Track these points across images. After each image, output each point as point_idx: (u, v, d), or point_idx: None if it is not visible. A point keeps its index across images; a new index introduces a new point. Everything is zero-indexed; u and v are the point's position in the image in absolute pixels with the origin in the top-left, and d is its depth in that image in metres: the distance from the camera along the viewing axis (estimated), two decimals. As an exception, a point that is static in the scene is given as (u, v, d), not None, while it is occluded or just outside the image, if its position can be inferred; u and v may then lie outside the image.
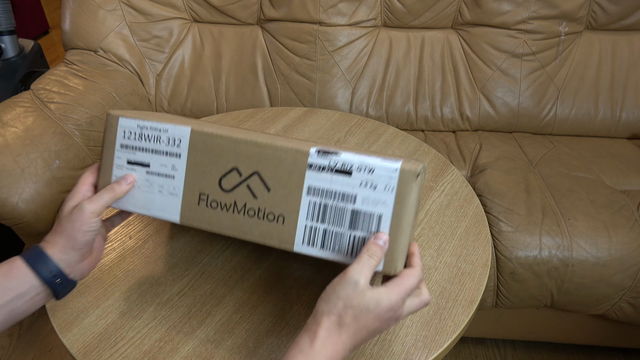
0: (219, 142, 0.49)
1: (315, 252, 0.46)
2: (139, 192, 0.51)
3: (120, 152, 0.51)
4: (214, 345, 0.54)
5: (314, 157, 0.46)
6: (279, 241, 0.47)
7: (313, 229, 0.46)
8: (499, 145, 1.21)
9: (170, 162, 0.50)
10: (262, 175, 0.47)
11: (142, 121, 0.51)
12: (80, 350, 0.53)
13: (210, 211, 0.49)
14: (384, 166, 0.44)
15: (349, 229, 0.45)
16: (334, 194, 0.45)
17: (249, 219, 0.47)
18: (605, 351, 1.19)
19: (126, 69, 1.28)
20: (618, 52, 1.24)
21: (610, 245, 0.90)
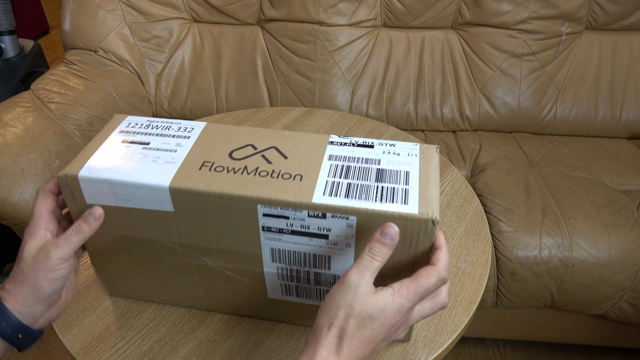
0: (236, 129, 0.48)
1: (339, 202, 0.40)
2: (125, 162, 0.44)
3: (115, 135, 0.47)
4: (214, 345, 0.54)
5: (335, 138, 0.46)
6: (294, 194, 0.40)
7: (336, 183, 0.41)
8: (499, 145, 1.21)
9: (175, 142, 0.46)
10: (280, 148, 0.45)
11: (154, 118, 0.49)
12: (80, 350, 0.53)
13: (212, 174, 0.42)
14: (404, 143, 0.46)
15: (375, 181, 0.42)
16: (356, 159, 0.44)
17: (259, 178, 0.42)
18: (605, 351, 1.19)
19: (126, 69, 1.28)
20: (618, 52, 1.24)
21: (610, 245, 0.90)
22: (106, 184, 0.43)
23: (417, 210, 0.39)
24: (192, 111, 1.32)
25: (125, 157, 0.44)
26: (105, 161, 0.44)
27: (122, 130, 0.47)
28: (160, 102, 1.31)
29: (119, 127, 0.48)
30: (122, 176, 0.42)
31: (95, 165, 0.43)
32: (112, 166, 0.43)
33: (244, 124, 0.94)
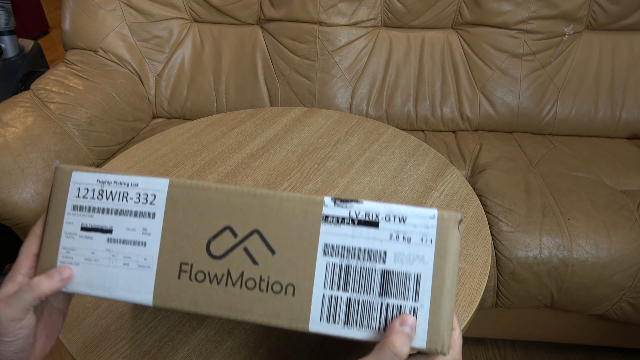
0: (206, 196, 0.38)
1: (337, 331, 0.35)
2: (96, 268, 0.38)
3: (71, 216, 0.39)
4: (214, 345, 0.54)
5: (330, 207, 0.37)
6: (289, 319, 0.36)
7: (333, 299, 0.36)
8: (499, 145, 1.21)
9: (141, 225, 0.39)
10: (264, 234, 0.37)
11: (104, 175, 0.40)
12: (80, 350, 0.53)
13: (195, 286, 0.37)
14: (418, 213, 0.36)
15: (379, 296, 0.35)
16: (357, 252, 0.36)
17: (247, 292, 0.36)
18: (605, 351, 1.19)
19: (126, 69, 1.28)
20: (618, 52, 1.24)
21: (610, 245, 0.90)
22: (81, 292, 0.39)
23: (424, 344, 0.35)
24: (192, 111, 1.31)
25: (93, 258, 0.39)
26: (74, 267, 0.39)
27: (74, 205, 0.40)
28: (160, 102, 1.31)
29: (69, 197, 0.40)
30: (99, 291, 0.38)
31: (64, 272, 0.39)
32: (84, 275, 0.39)
33: (244, 124, 0.94)
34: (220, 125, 0.93)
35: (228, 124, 0.94)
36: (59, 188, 0.40)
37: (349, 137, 0.91)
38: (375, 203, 0.37)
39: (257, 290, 0.37)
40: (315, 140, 0.89)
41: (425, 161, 0.85)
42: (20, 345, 0.37)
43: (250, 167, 0.81)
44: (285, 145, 0.87)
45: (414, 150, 0.87)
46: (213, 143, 0.88)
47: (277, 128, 0.93)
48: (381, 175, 0.80)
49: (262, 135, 0.90)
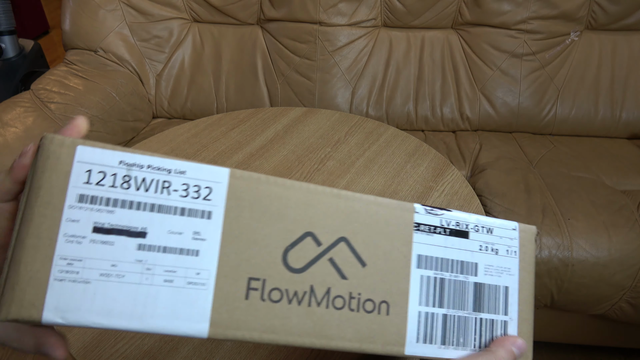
0: (279, 193, 0.30)
1: (434, 352, 0.32)
2: (120, 288, 0.26)
3: (76, 211, 0.26)
4: (214, 345, 0.54)
5: (422, 215, 0.33)
6: (383, 343, 0.31)
7: (430, 316, 0.32)
8: (499, 145, 1.21)
9: (191, 227, 0.28)
10: (352, 242, 0.31)
11: (132, 154, 0.27)
12: (80, 350, 0.53)
13: (269, 308, 0.29)
14: (502, 225, 0.35)
15: (473, 310, 0.34)
16: (451, 264, 0.34)
17: (335, 313, 0.30)
18: (605, 351, 1.19)
19: (126, 69, 1.28)
20: (618, 52, 1.25)
21: (610, 245, 0.90)
22: (96, 326, 0.26)
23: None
24: (192, 111, 1.32)
25: (114, 274, 0.26)
26: (82, 287, 0.26)
27: (82, 194, 0.26)
28: (160, 102, 1.31)
29: (71, 183, 0.26)
30: (124, 322, 0.26)
31: (66, 297, 0.25)
32: (98, 298, 0.26)
33: (244, 124, 0.94)
34: (220, 125, 0.93)
35: (228, 124, 0.94)
36: (51, 168, 0.26)
37: (349, 137, 0.91)
38: (463, 213, 0.35)
39: (347, 310, 0.31)
40: (315, 140, 0.89)
41: (425, 161, 0.85)
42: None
43: (250, 167, 0.81)
44: (285, 145, 0.87)
45: (414, 150, 0.87)
46: (213, 143, 0.88)
47: (277, 128, 0.93)
48: (381, 175, 0.80)
49: (262, 135, 0.90)
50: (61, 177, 0.26)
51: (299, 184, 0.31)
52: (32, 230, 0.25)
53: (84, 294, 0.26)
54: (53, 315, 0.25)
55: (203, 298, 0.28)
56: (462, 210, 0.74)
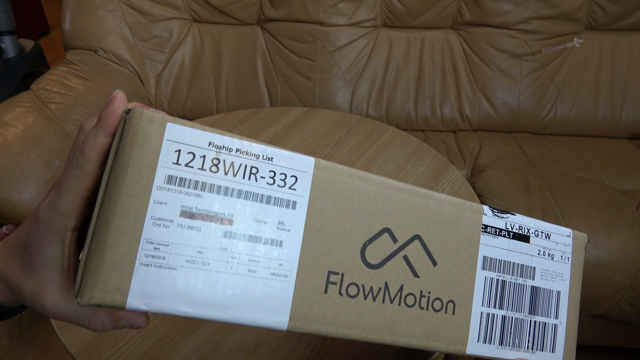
0: (361, 187, 0.30)
1: (491, 352, 0.34)
2: (204, 276, 0.26)
3: (164, 193, 0.25)
4: (214, 345, 0.54)
5: (490, 217, 0.34)
6: (447, 342, 0.32)
7: (491, 317, 0.34)
8: (499, 145, 1.21)
9: (276, 217, 0.28)
10: (425, 240, 0.32)
11: (221, 136, 0.27)
12: (80, 350, 0.53)
13: (345, 302, 0.29)
14: (558, 230, 0.37)
15: (529, 313, 0.35)
16: (512, 267, 0.35)
17: (407, 310, 0.31)
18: (605, 351, 1.19)
19: (126, 69, 1.28)
20: (618, 52, 1.25)
21: (610, 245, 0.90)
22: (179, 314, 0.26)
23: None
24: (192, 111, 1.32)
25: (200, 261, 0.26)
26: (167, 272, 0.25)
27: (171, 175, 0.25)
28: (161, 102, 1.31)
29: (160, 162, 0.25)
30: (209, 311, 0.26)
31: (152, 283, 0.25)
32: (183, 285, 0.25)
33: (244, 124, 0.94)
34: (220, 125, 0.93)
35: (228, 124, 0.94)
36: (140, 145, 0.25)
37: (349, 137, 0.91)
38: (525, 217, 0.36)
39: (417, 308, 0.31)
40: (315, 140, 0.89)
41: (425, 161, 0.85)
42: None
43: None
44: (285, 145, 0.87)
45: (414, 151, 0.87)
46: (213, 143, 0.88)
47: (277, 128, 0.93)
48: (381, 175, 0.80)
49: (262, 135, 0.90)
50: (150, 156, 0.25)
51: (379, 178, 0.31)
52: (118, 211, 0.24)
53: (170, 280, 0.25)
54: (137, 301, 0.24)
55: (285, 290, 0.27)
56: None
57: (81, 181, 0.26)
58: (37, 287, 0.27)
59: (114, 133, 0.26)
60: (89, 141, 0.26)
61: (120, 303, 0.24)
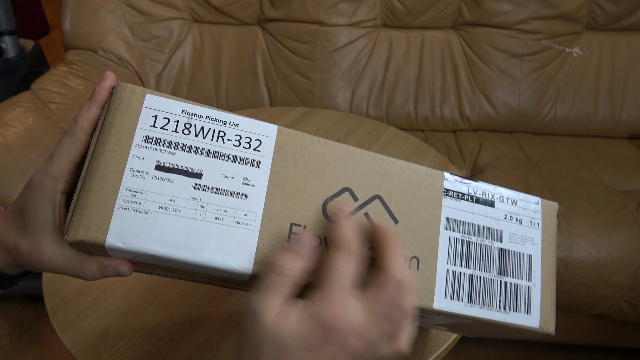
0: (322, 151, 0.33)
1: (460, 309, 0.33)
2: (176, 221, 0.29)
3: (141, 150, 0.29)
4: (214, 345, 0.54)
5: (451, 182, 0.35)
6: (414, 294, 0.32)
7: (457, 275, 0.34)
8: (499, 145, 1.21)
9: (241, 173, 0.31)
10: (386, 200, 0.33)
11: (193, 106, 0.31)
12: (80, 350, 0.53)
13: None
14: (525, 198, 0.38)
15: (499, 274, 0.35)
16: (477, 229, 0.35)
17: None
18: (605, 351, 1.19)
19: (126, 69, 1.28)
20: (618, 52, 1.25)
21: (610, 245, 0.90)
22: (152, 257, 0.29)
23: (538, 323, 0.35)
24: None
25: (172, 207, 0.29)
26: (142, 216, 0.28)
27: (147, 136, 0.30)
28: (161, 102, 1.31)
29: (139, 125, 0.30)
30: (179, 252, 0.29)
31: (129, 224, 0.28)
32: (157, 228, 0.28)
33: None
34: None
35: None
36: (123, 111, 0.30)
37: (349, 137, 0.91)
38: (490, 185, 0.37)
39: None
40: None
41: (425, 161, 0.85)
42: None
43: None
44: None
45: (414, 150, 0.87)
46: (213, 143, 0.88)
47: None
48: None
49: (262, 136, 0.90)
50: (131, 120, 0.30)
51: (339, 144, 0.33)
52: (102, 163, 0.29)
53: (144, 223, 0.28)
54: (115, 239, 0.28)
55: (250, 237, 0.30)
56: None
57: (72, 147, 0.30)
58: (33, 245, 0.30)
59: (103, 106, 0.31)
60: (82, 112, 0.30)
61: (100, 240, 0.27)
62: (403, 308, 0.28)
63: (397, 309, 0.28)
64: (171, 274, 0.36)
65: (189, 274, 0.35)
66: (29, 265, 0.32)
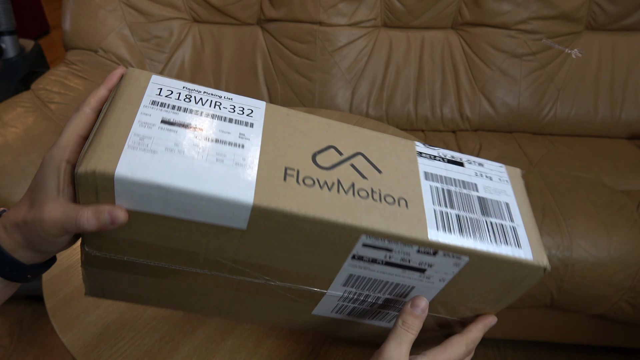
0: (306, 120, 0.38)
1: (454, 240, 0.35)
2: (180, 158, 0.31)
3: (149, 109, 0.33)
4: (214, 345, 0.54)
5: (422, 147, 0.40)
6: (407, 227, 0.34)
7: (445, 213, 0.36)
8: (499, 145, 1.21)
9: (237, 130, 0.34)
10: (368, 156, 0.37)
11: (192, 85, 0.36)
12: (80, 350, 0.53)
13: (304, 189, 0.33)
14: (489, 163, 0.41)
15: (482, 215, 0.37)
16: (453, 181, 0.38)
17: (361, 200, 0.34)
18: (605, 351, 1.19)
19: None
20: (618, 52, 1.25)
21: (610, 245, 0.90)
22: (157, 190, 0.30)
23: (531, 256, 0.36)
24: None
25: (176, 149, 0.32)
26: (150, 154, 0.31)
27: (154, 100, 0.34)
28: (161, 102, 1.32)
29: (146, 93, 0.34)
30: (182, 182, 0.30)
31: (137, 159, 0.30)
32: (163, 163, 0.31)
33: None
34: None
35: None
36: (131, 85, 0.34)
37: (349, 137, 0.91)
38: (455, 152, 0.41)
39: (371, 200, 0.34)
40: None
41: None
42: (61, 245, 0.35)
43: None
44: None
45: (414, 150, 0.87)
46: (213, 143, 0.88)
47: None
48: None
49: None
50: (139, 89, 0.34)
51: (320, 118, 0.38)
52: (114, 116, 0.32)
53: (151, 159, 0.31)
54: (125, 169, 0.30)
55: (249, 174, 0.32)
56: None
57: (78, 120, 0.34)
58: (37, 209, 0.33)
59: (112, 89, 0.36)
60: (92, 92, 0.36)
61: (110, 170, 0.30)
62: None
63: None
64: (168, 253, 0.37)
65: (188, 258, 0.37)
66: (33, 234, 0.33)
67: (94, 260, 0.38)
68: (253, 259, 0.37)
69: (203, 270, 0.38)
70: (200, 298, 0.43)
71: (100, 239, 0.35)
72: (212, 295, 0.42)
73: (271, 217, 0.32)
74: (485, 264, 0.36)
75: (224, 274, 0.39)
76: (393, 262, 0.37)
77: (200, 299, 0.43)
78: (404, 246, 0.35)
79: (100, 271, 0.40)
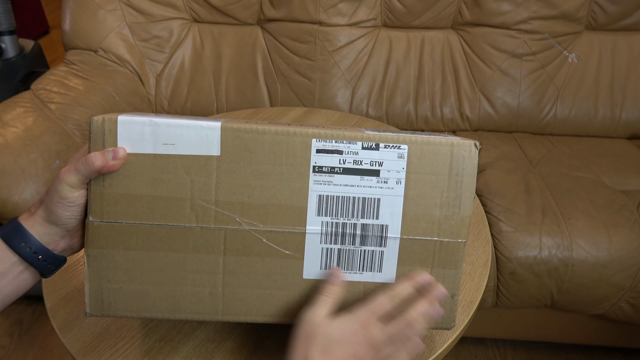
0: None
1: (389, 134, 0.45)
2: (168, 117, 0.44)
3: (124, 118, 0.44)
4: (214, 345, 0.54)
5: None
6: (347, 131, 0.45)
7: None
8: (499, 145, 1.21)
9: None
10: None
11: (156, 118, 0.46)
12: (80, 350, 0.53)
13: (260, 121, 0.46)
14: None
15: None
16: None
17: (308, 126, 0.47)
18: (605, 351, 1.19)
19: (126, 69, 1.28)
20: (618, 52, 1.25)
21: (610, 245, 0.90)
22: (148, 125, 0.42)
23: (462, 139, 0.44)
24: (192, 111, 1.32)
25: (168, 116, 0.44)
26: (140, 116, 0.43)
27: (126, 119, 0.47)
28: (161, 102, 1.31)
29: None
30: (168, 119, 0.42)
31: (132, 116, 0.43)
32: (150, 116, 0.43)
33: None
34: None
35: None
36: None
37: (349, 137, 0.91)
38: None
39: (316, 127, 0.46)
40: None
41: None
42: (72, 213, 0.41)
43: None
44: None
45: (414, 150, 0.87)
46: (213, 143, 0.88)
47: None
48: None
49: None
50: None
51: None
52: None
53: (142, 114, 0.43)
54: (124, 117, 0.42)
55: (218, 118, 0.44)
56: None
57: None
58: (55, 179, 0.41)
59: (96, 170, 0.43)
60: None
61: (115, 117, 0.42)
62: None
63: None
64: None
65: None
66: (52, 195, 0.40)
67: (97, 239, 0.43)
68: (231, 196, 0.43)
69: (191, 224, 0.44)
70: (194, 280, 0.45)
71: (103, 200, 0.42)
72: (205, 274, 0.45)
73: (238, 135, 0.42)
74: (423, 150, 0.43)
75: (210, 226, 0.44)
76: (349, 168, 0.43)
77: (194, 284, 0.45)
78: (350, 144, 0.43)
79: (101, 256, 0.44)
